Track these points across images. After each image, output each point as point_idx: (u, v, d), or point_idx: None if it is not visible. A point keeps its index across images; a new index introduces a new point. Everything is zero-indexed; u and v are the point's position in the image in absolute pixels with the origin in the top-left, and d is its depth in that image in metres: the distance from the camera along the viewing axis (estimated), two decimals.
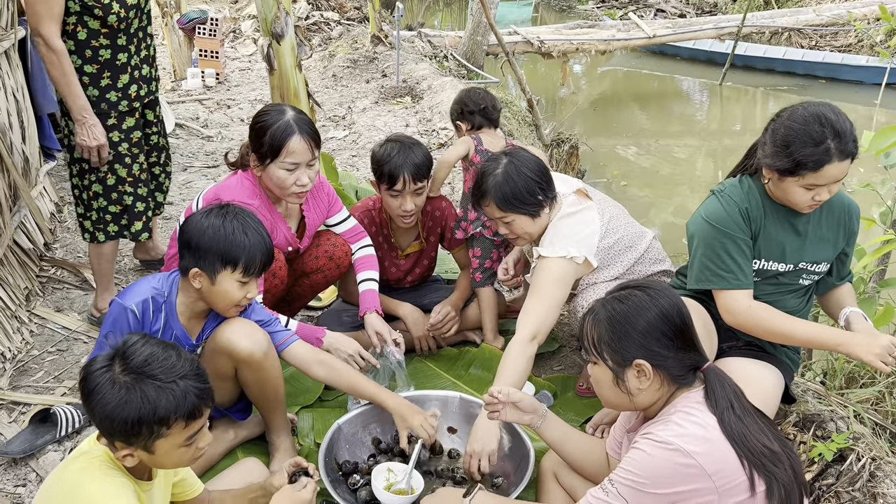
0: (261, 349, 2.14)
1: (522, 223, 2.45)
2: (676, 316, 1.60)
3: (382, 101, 7.09)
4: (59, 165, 4.69)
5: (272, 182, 2.44)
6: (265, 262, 2.08)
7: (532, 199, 2.41)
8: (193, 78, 7.44)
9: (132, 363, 1.46)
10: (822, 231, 2.19)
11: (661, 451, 1.50)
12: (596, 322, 1.64)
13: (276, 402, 2.30)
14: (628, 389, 1.62)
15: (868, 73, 9.32)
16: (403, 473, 2.13)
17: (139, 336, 1.53)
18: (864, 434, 2.26)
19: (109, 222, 2.99)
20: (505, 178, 2.40)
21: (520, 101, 7.72)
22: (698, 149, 8.08)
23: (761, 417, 1.60)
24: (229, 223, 2.03)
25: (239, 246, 2.01)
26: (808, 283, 2.25)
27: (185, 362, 1.50)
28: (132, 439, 1.47)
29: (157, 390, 1.44)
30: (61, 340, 3.07)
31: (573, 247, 2.38)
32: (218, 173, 5.13)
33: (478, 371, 2.88)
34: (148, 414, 1.44)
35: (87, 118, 2.76)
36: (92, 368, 1.49)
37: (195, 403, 1.48)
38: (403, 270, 3.06)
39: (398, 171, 2.68)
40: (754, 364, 2.25)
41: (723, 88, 9.78)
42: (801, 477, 1.54)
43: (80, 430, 2.52)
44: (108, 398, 1.44)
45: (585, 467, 1.94)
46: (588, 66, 11.72)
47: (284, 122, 2.38)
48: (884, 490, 2.06)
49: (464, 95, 3.17)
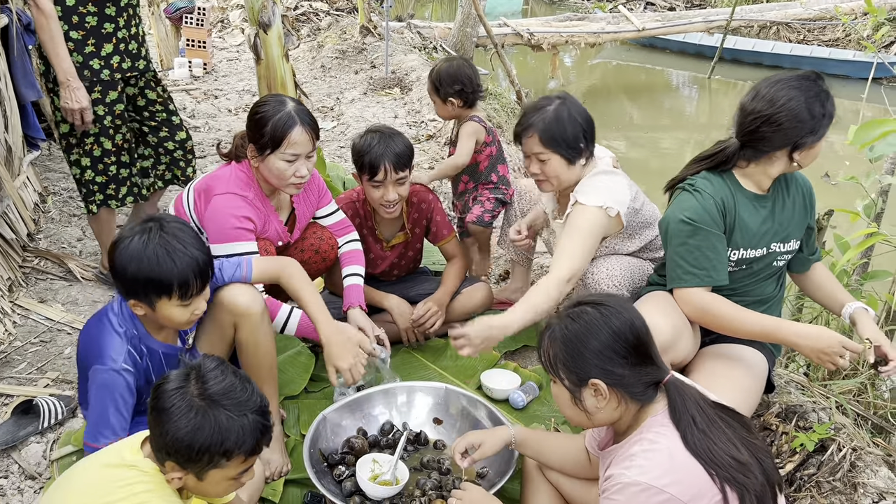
0: (259, 305, 2.17)
1: (557, 165, 2.45)
2: (630, 334, 1.56)
3: (371, 93, 7.06)
4: (44, 155, 4.64)
5: (271, 173, 2.42)
6: (202, 280, 1.91)
7: (574, 143, 2.43)
8: (180, 68, 7.39)
9: (210, 390, 1.45)
10: (788, 209, 2.25)
11: (634, 496, 1.45)
12: (552, 340, 1.61)
13: (270, 376, 2.28)
14: (586, 408, 1.59)
15: (854, 68, 9.38)
16: (388, 464, 2.13)
17: (217, 362, 1.52)
18: (845, 425, 2.28)
19: (97, 192, 3.19)
20: (555, 116, 2.42)
21: (509, 94, 7.71)
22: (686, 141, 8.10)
23: (729, 420, 1.55)
24: (152, 249, 1.82)
25: (167, 273, 1.82)
26: (781, 263, 2.30)
27: (257, 398, 1.50)
28: (189, 464, 1.45)
29: (230, 421, 1.44)
30: (44, 332, 3.05)
31: (609, 199, 2.41)
32: (205, 164, 5.10)
33: (464, 362, 2.88)
34: (216, 444, 1.43)
35: (72, 81, 2.86)
36: (167, 387, 1.47)
37: (258, 439, 1.48)
38: (389, 262, 3.06)
39: (379, 160, 2.68)
40: (743, 347, 2.29)
41: (711, 82, 9.81)
42: (773, 478, 1.50)
43: (63, 422, 2.51)
44: (183, 421, 1.42)
45: (567, 469, 1.95)
46: (577, 58, 11.71)
47: (286, 112, 2.37)
48: (864, 480, 2.07)
49: (457, 73, 3.19)
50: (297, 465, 2.30)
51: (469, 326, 2.21)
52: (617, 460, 1.57)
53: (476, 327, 2.20)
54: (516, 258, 3.26)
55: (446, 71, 3.20)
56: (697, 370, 2.27)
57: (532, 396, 2.69)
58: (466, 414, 2.40)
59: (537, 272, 3.63)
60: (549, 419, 2.56)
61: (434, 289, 3.04)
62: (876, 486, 2.05)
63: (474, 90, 3.19)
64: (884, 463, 2.15)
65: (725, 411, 1.58)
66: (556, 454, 1.95)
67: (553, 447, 1.97)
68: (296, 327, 2.38)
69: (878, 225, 2.81)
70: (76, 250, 3.73)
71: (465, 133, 3.21)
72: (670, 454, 1.47)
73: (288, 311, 2.39)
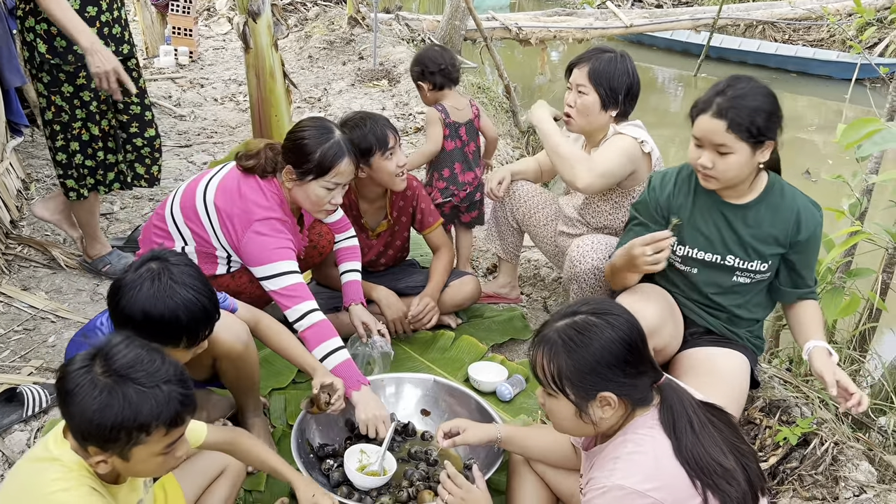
0: (241, 341, 2.12)
1: (591, 102, 2.62)
2: (638, 340, 1.52)
3: (359, 84, 7.03)
4: (27, 142, 4.58)
5: (307, 197, 2.40)
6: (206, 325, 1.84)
7: (615, 91, 2.61)
8: (166, 56, 7.31)
9: (115, 365, 1.38)
10: (761, 229, 2.16)
11: (617, 501, 1.43)
12: (554, 355, 1.51)
13: (251, 388, 2.29)
14: (592, 420, 1.53)
15: (837, 68, 9.48)
16: (376, 455, 2.14)
17: (122, 336, 1.44)
18: (827, 419, 2.32)
19: (87, 176, 3.15)
20: (610, 61, 2.61)
21: (497, 87, 7.70)
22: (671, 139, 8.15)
23: (719, 424, 1.53)
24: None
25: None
26: (745, 280, 2.23)
27: (170, 366, 1.42)
28: (108, 445, 1.38)
29: (140, 394, 1.36)
30: (28, 319, 3.01)
31: (645, 137, 2.60)
32: (190, 153, 5.06)
33: (452, 354, 2.89)
34: (129, 419, 1.34)
35: (96, 45, 2.79)
36: (71, 368, 1.39)
37: (178, 410, 1.40)
38: (376, 251, 3.05)
39: (383, 130, 2.71)
40: (720, 352, 2.27)
41: (697, 80, 9.87)
42: (756, 485, 1.49)
43: (48, 410, 2.48)
44: (88, 401, 1.34)
45: (553, 461, 1.95)
46: (565, 53, 11.72)
47: (335, 142, 2.35)
48: (845, 474, 2.11)
49: (423, 55, 3.21)
50: (284, 455, 2.29)
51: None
52: (600, 462, 1.54)
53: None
54: (504, 255, 3.27)
55: (416, 55, 3.24)
56: (680, 373, 2.25)
57: (519, 389, 2.71)
58: (454, 406, 2.40)
59: (524, 265, 3.64)
60: (536, 411, 2.57)
61: (423, 281, 3.04)
62: (857, 480, 2.09)
63: (440, 72, 3.14)
64: (864, 457, 2.19)
65: (715, 413, 1.56)
66: (541, 448, 1.96)
67: (538, 442, 1.97)
68: (334, 365, 2.30)
69: (862, 223, 2.84)
70: (60, 238, 3.69)
71: (428, 121, 3.22)
72: (655, 458, 1.46)
73: (335, 346, 2.31)
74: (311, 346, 2.29)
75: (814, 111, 9.18)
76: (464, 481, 1.82)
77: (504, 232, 3.21)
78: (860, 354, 2.93)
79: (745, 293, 2.26)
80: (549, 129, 2.66)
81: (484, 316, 3.18)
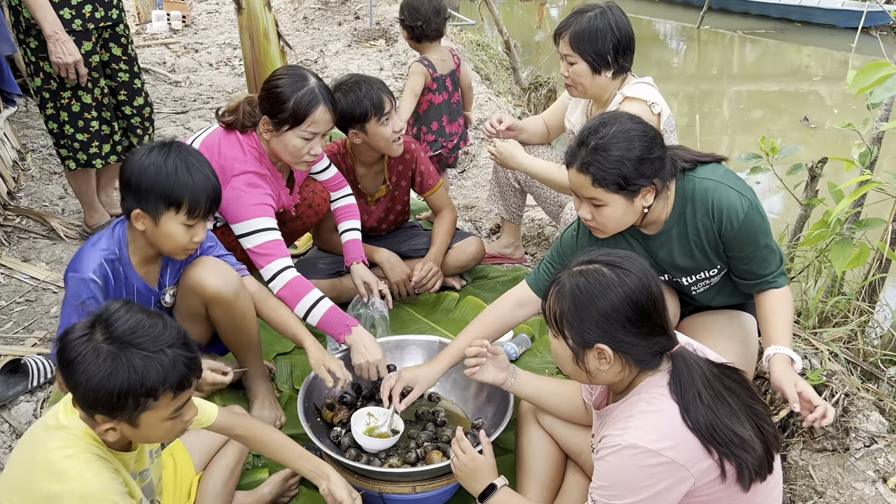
0: (230, 288, 2.11)
1: (581, 70, 2.49)
2: (645, 299, 1.47)
3: (355, 45, 6.91)
4: (21, 112, 4.52)
5: (285, 149, 2.34)
6: (212, 204, 1.94)
7: (602, 53, 2.45)
8: (158, 21, 7.19)
9: (116, 332, 1.36)
10: (674, 259, 2.03)
11: (630, 459, 1.42)
12: (560, 296, 1.52)
13: (250, 346, 2.27)
14: (588, 370, 1.54)
15: (842, 17, 9.30)
16: (384, 417, 2.13)
17: (121, 303, 1.42)
18: (837, 371, 2.30)
19: (79, 150, 3.07)
20: (589, 23, 2.44)
21: (496, 44, 7.57)
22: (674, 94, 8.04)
23: (733, 387, 1.51)
24: (172, 161, 1.88)
25: (182, 186, 1.88)
26: (704, 286, 2.11)
27: (172, 330, 1.41)
28: (116, 412, 1.37)
29: (145, 360, 1.35)
30: (29, 291, 3.00)
31: (655, 99, 2.47)
32: (186, 119, 4.99)
33: (456, 315, 2.87)
34: (135, 385, 1.33)
35: (59, 34, 2.75)
36: (71, 337, 1.38)
37: (184, 373, 1.39)
38: (377, 217, 3.01)
39: (379, 94, 2.64)
40: (728, 314, 2.22)
41: (700, 32, 9.69)
42: (772, 446, 1.48)
43: (52, 381, 2.48)
44: (92, 369, 1.33)
45: (562, 413, 1.94)
46: (564, 9, 11.52)
47: (309, 90, 2.28)
48: (856, 424, 2.10)
49: (405, 3, 3.16)
50: (291, 419, 2.30)
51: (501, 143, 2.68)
52: (613, 420, 1.53)
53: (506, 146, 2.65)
54: (507, 215, 3.23)
55: (402, 3, 3.19)
56: (691, 335, 2.20)
57: (525, 348, 2.69)
58: (460, 366, 2.39)
59: (528, 225, 3.60)
60: (543, 371, 2.56)
61: (426, 244, 3.01)
62: (868, 430, 2.08)
63: (419, 23, 3.11)
64: (875, 407, 2.18)
65: (730, 374, 1.54)
66: (552, 397, 1.94)
67: (550, 389, 1.96)
68: (318, 319, 2.26)
69: (872, 172, 2.79)
70: (58, 208, 3.66)
71: (411, 72, 3.19)
72: (669, 417, 1.44)
73: (315, 299, 2.27)
74: (291, 306, 2.27)
75: (818, 62, 9.03)
76: (469, 446, 1.80)
77: (506, 193, 3.17)
78: (870, 305, 2.90)
79: (716, 289, 2.15)
80: (534, 167, 2.62)
81: (488, 276, 3.16)
